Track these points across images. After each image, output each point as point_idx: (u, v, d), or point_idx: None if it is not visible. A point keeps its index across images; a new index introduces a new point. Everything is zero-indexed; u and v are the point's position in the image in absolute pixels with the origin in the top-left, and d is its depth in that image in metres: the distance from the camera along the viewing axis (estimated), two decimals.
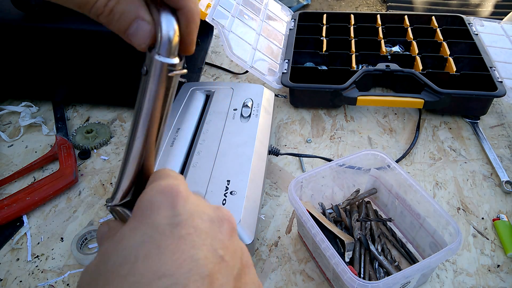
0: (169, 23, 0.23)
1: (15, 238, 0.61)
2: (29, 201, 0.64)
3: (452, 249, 0.47)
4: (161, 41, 0.23)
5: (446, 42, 0.89)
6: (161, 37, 0.23)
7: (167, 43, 0.23)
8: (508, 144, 0.75)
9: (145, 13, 0.24)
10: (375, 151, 0.59)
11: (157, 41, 0.23)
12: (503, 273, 0.56)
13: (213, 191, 0.54)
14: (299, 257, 0.59)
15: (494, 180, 0.69)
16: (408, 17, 0.98)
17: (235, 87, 0.73)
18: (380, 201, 0.62)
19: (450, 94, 0.76)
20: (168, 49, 0.23)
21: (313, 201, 0.61)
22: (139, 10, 0.23)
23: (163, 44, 0.23)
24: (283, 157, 0.73)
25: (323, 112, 0.83)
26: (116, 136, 0.78)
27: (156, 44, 0.23)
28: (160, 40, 0.23)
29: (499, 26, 0.96)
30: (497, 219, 0.62)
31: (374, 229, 0.58)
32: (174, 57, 0.24)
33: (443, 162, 0.72)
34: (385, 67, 0.82)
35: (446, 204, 0.65)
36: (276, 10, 1.00)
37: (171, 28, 0.23)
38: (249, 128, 0.64)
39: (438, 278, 0.56)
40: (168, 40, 0.23)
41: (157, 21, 0.23)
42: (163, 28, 0.23)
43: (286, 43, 0.92)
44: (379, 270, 0.54)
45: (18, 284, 0.56)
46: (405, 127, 0.80)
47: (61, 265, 0.58)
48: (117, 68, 0.75)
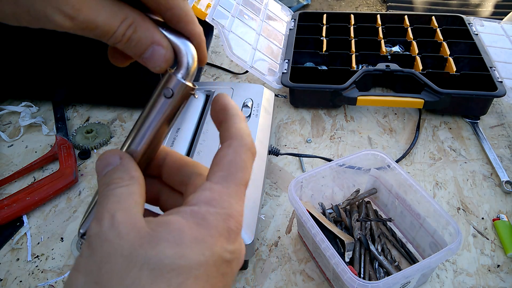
0: (189, 50, 0.26)
1: (15, 238, 0.61)
2: (29, 201, 0.64)
3: (452, 249, 0.47)
4: (186, 67, 0.26)
5: (446, 42, 0.89)
6: (186, 63, 0.26)
7: (190, 68, 0.26)
8: (508, 144, 0.75)
9: (161, 38, 0.25)
10: (375, 151, 0.59)
11: (182, 66, 0.26)
12: (503, 273, 0.56)
13: None
14: (299, 257, 0.59)
15: (494, 180, 0.69)
16: (408, 17, 0.98)
17: (235, 87, 0.73)
18: (380, 201, 0.62)
19: (450, 94, 0.76)
20: (191, 73, 0.26)
21: (313, 201, 0.61)
22: (154, 36, 0.25)
23: (187, 69, 0.26)
24: (283, 157, 0.73)
25: (323, 112, 0.83)
26: (116, 136, 0.78)
27: (180, 69, 0.26)
28: (186, 66, 0.26)
29: (499, 26, 0.96)
30: (497, 219, 0.62)
31: (374, 229, 0.58)
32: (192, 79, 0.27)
33: (443, 162, 0.72)
34: (385, 67, 0.82)
35: (446, 204, 0.65)
36: (276, 10, 1.00)
37: (191, 55, 0.26)
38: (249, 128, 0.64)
39: (438, 278, 0.56)
40: (192, 65, 0.26)
41: (177, 49, 0.26)
42: (188, 56, 0.26)
43: (286, 43, 0.92)
44: (379, 270, 0.54)
45: (18, 284, 0.56)
46: (405, 127, 0.80)
47: (61, 265, 0.58)
48: (117, 68, 0.75)
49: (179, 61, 0.26)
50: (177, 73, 0.26)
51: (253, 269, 0.57)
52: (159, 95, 0.26)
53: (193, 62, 0.26)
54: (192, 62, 0.26)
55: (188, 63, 0.26)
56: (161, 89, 0.26)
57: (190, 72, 0.26)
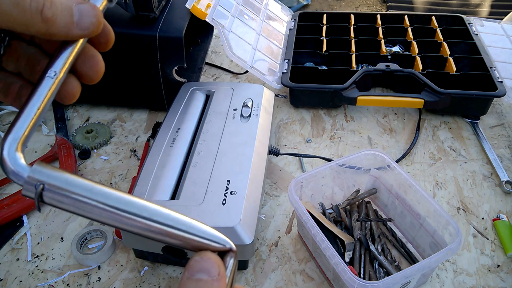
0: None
1: (15, 238, 0.61)
2: (29, 201, 0.64)
3: (452, 249, 0.47)
4: None
5: (446, 42, 0.89)
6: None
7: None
8: (508, 144, 0.75)
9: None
10: (375, 151, 0.59)
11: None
12: (503, 273, 0.56)
13: (213, 191, 0.54)
14: (299, 257, 0.59)
15: (494, 180, 0.69)
16: (408, 17, 0.98)
17: (235, 87, 0.73)
18: (380, 201, 0.62)
19: (450, 94, 0.76)
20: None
21: (313, 201, 0.61)
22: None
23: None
24: (283, 157, 0.73)
25: (323, 112, 0.83)
26: (116, 136, 0.78)
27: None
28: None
29: (499, 26, 0.96)
30: (497, 219, 0.62)
31: (374, 229, 0.58)
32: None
33: (443, 162, 0.72)
34: (385, 67, 0.82)
35: (446, 204, 0.65)
36: (276, 10, 1.00)
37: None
38: (249, 128, 0.64)
39: (438, 278, 0.56)
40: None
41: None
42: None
43: (286, 43, 0.92)
44: (379, 270, 0.54)
45: (18, 284, 0.56)
46: (405, 127, 0.80)
47: (61, 265, 0.58)
48: (117, 68, 0.75)
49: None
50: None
51: (253, 269, 0.57)
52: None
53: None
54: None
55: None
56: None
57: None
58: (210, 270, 0.24)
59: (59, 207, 0.24)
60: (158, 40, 0.70)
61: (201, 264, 0.24)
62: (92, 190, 0.23)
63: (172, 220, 0.24)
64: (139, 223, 0.24)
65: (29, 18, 0.23)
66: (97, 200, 0.23)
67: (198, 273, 0.23)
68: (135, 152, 0.75)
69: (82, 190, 0.23)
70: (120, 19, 0.72)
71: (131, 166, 0.72)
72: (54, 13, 0.24)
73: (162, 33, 0.70)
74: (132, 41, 0.71)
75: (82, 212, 0.24)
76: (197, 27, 0.91)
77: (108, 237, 0.59)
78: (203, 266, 0.24)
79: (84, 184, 0.23)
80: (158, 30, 0.70)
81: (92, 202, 0.23)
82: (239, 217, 0.51)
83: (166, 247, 0.52)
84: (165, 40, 0.70)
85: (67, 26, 0.24)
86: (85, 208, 0.23)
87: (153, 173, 0.57)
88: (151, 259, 0.58)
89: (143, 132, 0.79)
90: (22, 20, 0.23)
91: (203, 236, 0.25)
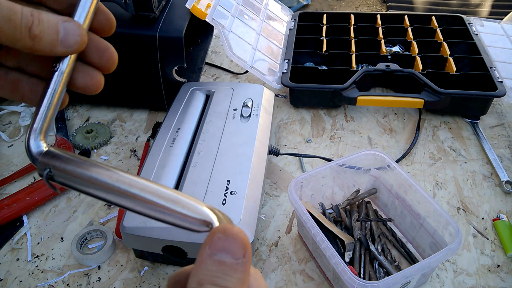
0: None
1: (15, 238, 0.61)
2: (29, 201, 0.64)
3: (452, 249, 0.47)
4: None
5: (446, 42, 0.89)
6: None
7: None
8: (508, 144, 0.75)
9: (65, 16, 0.26)
10: (375, 151, 0.59)
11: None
12: (503, 273, 0.56)
13: (213, 191, 0.54)
14: (299, 257, 0.59)
15: (494, 180, 0.69)
16: (408, 17, 0.98)
17: (235, 87, 0.73)
18: (380, 201, 0.62)
19: (450, 94, 0.76)
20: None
21: (313, 201, 0.61)
22: (58, 17, 0.26)
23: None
24: (283, 157, 0.73)
25: (323, 112, 0.83)
26: (116, 136, 0.78)
27: None
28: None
29: (499, 26, 0.96)
30: (497, 219, 0.62)
31: (374, 229, 0.58)
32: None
33: (443, 162, 0.72)
34: (385, 67, 0.82)
35: (446, 204, 0.65)
36: (276, 10, 1.00)
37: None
38: (249, 128, 0.64)
39: (438, 278, 0.56)
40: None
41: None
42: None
43: (286, 43, 0.92)
44: (379, 270, 0.54)
45: (18, 284, 0.56)
46: (405, 127, 0.80)
47: (61, 265, 0.58)
48: (117, 68, 0.75)
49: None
50: None
51: None
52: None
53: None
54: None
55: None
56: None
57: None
58: (235, 251, 0.21)
59: (69, 187, 0.26)
60: (158, 40, 0.70)
61: (226, 242, 0.21)
62: (98, 172, 0.25)
63: (158, 195, 0.24)
64: (140, 203, 0.24)
65: (18, 33, 0.24)
66: (102, 181, 0.25)
67: (220, 252, 0.21)
68: (135, 152, 0.75)
69: (86, 173, 0.25)
70: (120, 19, 0.72)
71: (131, 166, 0.72)
72: (41, 30, 0.24)
73: (162, 33, 0.70)
74: (132, 41, 0.71)
75: (89, 192, 0.25)
76: (197, 27, 0.91)
77: (108, 237, 0.59)
78: (227, 246, 0.21)
79: (89, 167, 0.25)
80: (158, 30, 0.70)
81: (97, 184, 0.25)
82: (239, 217, 0.51)
83: (166, 247, 0.52)
84: (165, 40, 0.70)
85: (52, 44, 0.25)
86: (90, 188, 0.25)
87: (153, 173, 0.57)
88: (151, 259, 0.58)
89: (143, 132, 0.79)
90: (11, 35, 0.24)
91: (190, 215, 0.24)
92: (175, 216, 0.24)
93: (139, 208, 0.24)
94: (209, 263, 0.21)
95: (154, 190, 0.24)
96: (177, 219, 0.24)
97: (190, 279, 0.21)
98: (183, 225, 0.24)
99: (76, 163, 0.26)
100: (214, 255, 0.21)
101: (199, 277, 0.21)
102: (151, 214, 0.24)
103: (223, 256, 0.21)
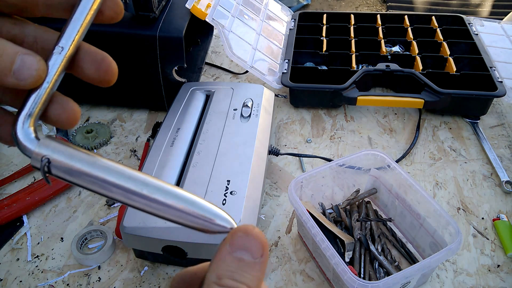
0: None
1: (15, 238, 0.61)
2: (29, 201, 0.64)
3: (452, 249, 0.47)
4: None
5: (446, 42, 0.89)
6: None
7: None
8: (508, 144, 0.75)
9: (25, 49, 0.23)
10: (375, 151, 0.59)
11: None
12: (503, 273, 0.56)
13: (213, 191, 0.54)
14: (299, 257, 0.59)
15: (494, 180, 0.69)
16: (408, 17, 0.98)
17: (235, 87, 0.73)
18: (380, 201, 0.62)
19: (450, 94, 0.76)
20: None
21: (313, 201, 0.61)
22: (17, 47, 0.23)
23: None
24: (283, 157, 0.73)
25: (323, 112, 0.83)
26: (116, 136, 0.78)
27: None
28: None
29: (499, 26, 0.96)
30: (497, 219, 0.62)
31: (374, 229, 0.58)
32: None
33: (443, 162, 0.72)
34: (385, 67, 0.82)
35: (446, 204, 0.65)
36: (276, 10, 1.00)
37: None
38: (249, 128, 0.64)
39: (438, 278, 0.56)
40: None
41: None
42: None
43: (286, 43, 0.92)
44: (379, 270, 0.54)
45: (18, 284, 0.56)
46: (405, 127, 0.80)
47: (61, 265, 0.58)
48: (117, 68, 0.75)
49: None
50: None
51: None
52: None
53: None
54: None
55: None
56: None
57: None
58: (254, 250, 0.22)
59: (67, 180, 0.24)
60: (158, 40, 0.70)
61: (246, 241, 0.22)
62: (95, 164, 0.23)
63: (175, 196, 0.23)
64: (141, 200, 0.23)
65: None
66: (99, 175, 0.23)
67: (240, 250, 0.22)
68: (135, 152, 0.75)
69: (86, 165, 0.23)
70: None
71: (131, 166, 0.72)
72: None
73: (162, 33, 0.70)
74: (132, 41, 0.71)
75: (88, 186, 0.23)
76: (197, 27, 0.91)
77: (108, 237, 0.59)
78: (247, 244, 0.22)
79: (88, 159, 0.23)
80: (158, 30, 0.70)
81: (95, 177, 0.23)
82: (239, 217, 0.51)
83: (166, 247, 0.52)
84: (165, 40, 0.70)
85: (2, 72, 0.23)
86: (90, 182, 0.23)
87: (153, 173, 0.57)
88: (151, 259, 0.58)
89: (143, 132, 0.79)
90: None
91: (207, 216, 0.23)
92: (194, 218, 0.23)
93: (154, 210, 0.23)
94: (228, 259, 0.21)
95: (171, 192, 0.23)
96: (195, 221, 0.23)
97: (208, 274, 0.21)
98: (201, 227, 0.23)
99: (81, 158, 0.23)
100: (234, 253, 0.22)
101: (219, 272, 0.21)
102: (167, 216, 0.23)
103: (243, 254, 0.22)
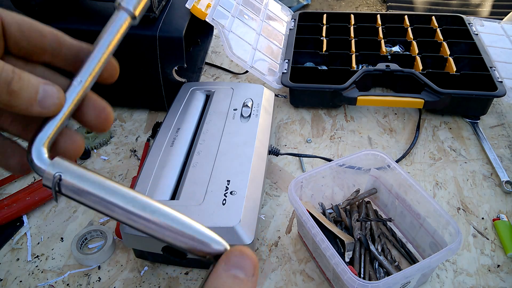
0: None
1: (15, 238, 0.61)
2: (29, 201, 0.64)
3: (452, 249, 0.47)
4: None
5: (446, 42, 0.89)
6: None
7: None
8: (508, 144, 0.75)
9: (47, 80, 0.26)
10: (375, 151, 0.59)
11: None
12: (503, 273, 0.56)
13: (213, 191, 0.54)
14: (299, 257, 0.59)
15: (494, 180, 0.69)
16: (408, 17, 0.98)
17: (235, 87, 0.73)
18: (380, 201, 0.62)
19: (450, 94, 0.76)
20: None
21: (313, 201, 0.61)
22: (39, 79, 0.26)
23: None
24: (283, 157, 0.73)
25: (323, 112, 0.83)
26: (116, 136, 0.78)
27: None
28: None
29: (499, 26, 0.96)
30: (497, 219, 0.62)
31: (374, 229, 0.58)
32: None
33: (443, 162, 0.72)
34: (385, 67, 0.82)
35: (446, 204, 0.65)
36: (276, 10, 1.00)
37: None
38: (249, 128, 0.64)
39: (438, 278, 0.56)
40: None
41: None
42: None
43: (286, 43, 0.92)
44: (379, 270, 0.54)
45: (18, 284, 0.56)
46: (405, 127, 0.80)
47: (61, 265, 0.58)
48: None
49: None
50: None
51: None
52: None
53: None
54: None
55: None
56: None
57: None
58: (248, 268, 0.24)
59: (75, 200, 0.25)
60: (158, 40, 0.70)
61: (240, 260, 0.24)
62: (104, 187, 0.25)
63: (176, 222, 0.25)
64: (143, 223, 0.25)
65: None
66: (107, 198, 0.25)
67: (235, 268, 0.24)
68: (135, 152, 0.75)
69: (95, 187, 0.25)
70: None
71: (131, 166, 0.72)
72: (20, 87, 0.24)
73: (162, 33, 0.70)
74: (132, 41, 0.71)
75: (95, 207, 0.25)
76: (197, 27, 0.91)
77: (108, 237, 0.59)
78: (242, 263, 0.24)
79: (98, 181, 0.25)
80: (158, 30, 0.70)
81: (104, 200, 0.25)
82: (239, 217, 0.51)
83: (166, 247, 0.52)
84: (165, 40, 0.70)
85: (29, 102, 0.25)
86: (98, 204, 0.25)
87: (153, 173, 0.57)
88: (151, 259, 0.58)
89: (143, 132, 0.79)
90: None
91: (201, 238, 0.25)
92: (191, 241, 0.25)
93: (153, 232, 0.25)
94: (224, 276, 0.23)
95: (170, 215, 0.25)
96: (192, 245, 0.25)
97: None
98: (197, 249, 0.25)
99: (90, 179, 0.25)
100: (230, 270, 0.23)
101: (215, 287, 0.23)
102: (167, 239, 0.25)
103: (237, 272, 0.24)
